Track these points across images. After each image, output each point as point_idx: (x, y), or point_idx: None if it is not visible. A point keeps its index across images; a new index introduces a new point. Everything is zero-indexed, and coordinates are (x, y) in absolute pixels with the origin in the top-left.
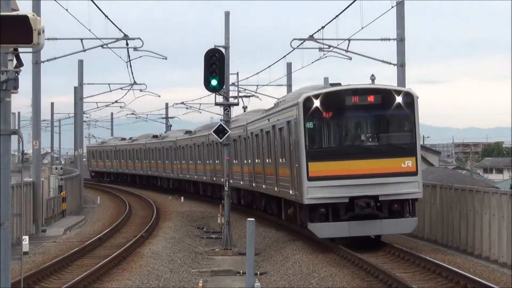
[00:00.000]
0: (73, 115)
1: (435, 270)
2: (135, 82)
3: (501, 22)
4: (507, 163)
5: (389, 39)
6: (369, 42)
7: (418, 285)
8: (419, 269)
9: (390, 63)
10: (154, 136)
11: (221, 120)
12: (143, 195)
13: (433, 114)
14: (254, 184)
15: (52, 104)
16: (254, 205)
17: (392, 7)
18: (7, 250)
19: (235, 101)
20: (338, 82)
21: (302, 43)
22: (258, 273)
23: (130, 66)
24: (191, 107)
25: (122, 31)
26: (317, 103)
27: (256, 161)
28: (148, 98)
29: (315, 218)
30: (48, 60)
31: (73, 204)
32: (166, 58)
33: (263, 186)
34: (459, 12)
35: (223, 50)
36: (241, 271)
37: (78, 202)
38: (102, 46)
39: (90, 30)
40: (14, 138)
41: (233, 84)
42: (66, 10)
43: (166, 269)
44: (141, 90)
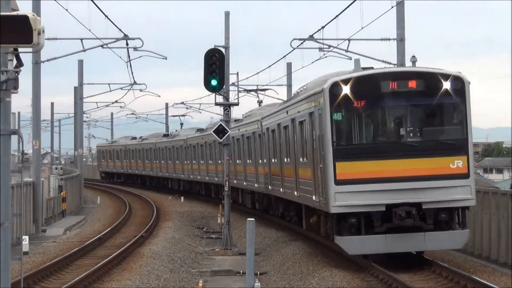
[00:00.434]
0: (73, 115)
1: (435, 270)
2: (135, 82)
3: (501, 22)
4: (507, 163)
5: (389, 39)
6: (369, 42)
7: (418, 285)
8: (419, 269)
9: (390, 63)
10: (165, 135)
11: (221, 120)
12: (143, 195)
13: None
14: (270, 187)
15: (52, 104)
16: (270, 210)
17: (392, 7)
18: (7, 250)
19: (235, 101)
20: (371, 66)
21: (302, 43)
22: (258, 273)
23: (130, 66)
24: (191, 107)
25: (122, 31)
26: (346, 90)
27: (272, 160)
28: (148, 98)
29: (344, 230)
30: (48, 60)
31: (73, 204)
32: (166, 58)
33: (281, 190)
34: (459, 12)
35: (223, 50)
36: (241, 271)
37: (78, 202)
38: (102, 46)
39: (90, 30)
40: (14, 138)
41: (233, 84)
42: (66, 10)
43: (166, 269)
44: (141, 90)
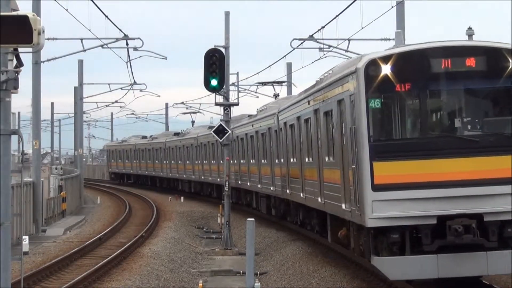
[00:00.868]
0: (73, 115)
1: None
2: (135, 82)
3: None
4: None
5: (389, 39)
6: (369, 42)
7: (418, 285)
8: None
9: None
10: (176, 133)
11: (221, 120)
12: (143, 195)
13: None
14: (288, 190)
15: (52, 104)
16: (288, 217)
17: (392, 7)
18: (7, 250)
19: (235, 101)
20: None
21: (302, 43)
22: (258, 273)
23: (130, 66)
24: (191, 107)
25: (122, 31)
26: (386, 70)
27: (291, 160)
28: (148, 98)
29: (384, 248)
30: (48, 60)
31: (73, 204)
32: (166, 58)
33: (301, 195)
34: (459, 12)
35: (223, 50)
36: (241, 271)
37: (78, 202)
38: (102, 46)
39: (90, 30)
40: (14, 138)
41: (233, 84)
42: (66, 10)
43: (166, 269)
44: (141, 90)
